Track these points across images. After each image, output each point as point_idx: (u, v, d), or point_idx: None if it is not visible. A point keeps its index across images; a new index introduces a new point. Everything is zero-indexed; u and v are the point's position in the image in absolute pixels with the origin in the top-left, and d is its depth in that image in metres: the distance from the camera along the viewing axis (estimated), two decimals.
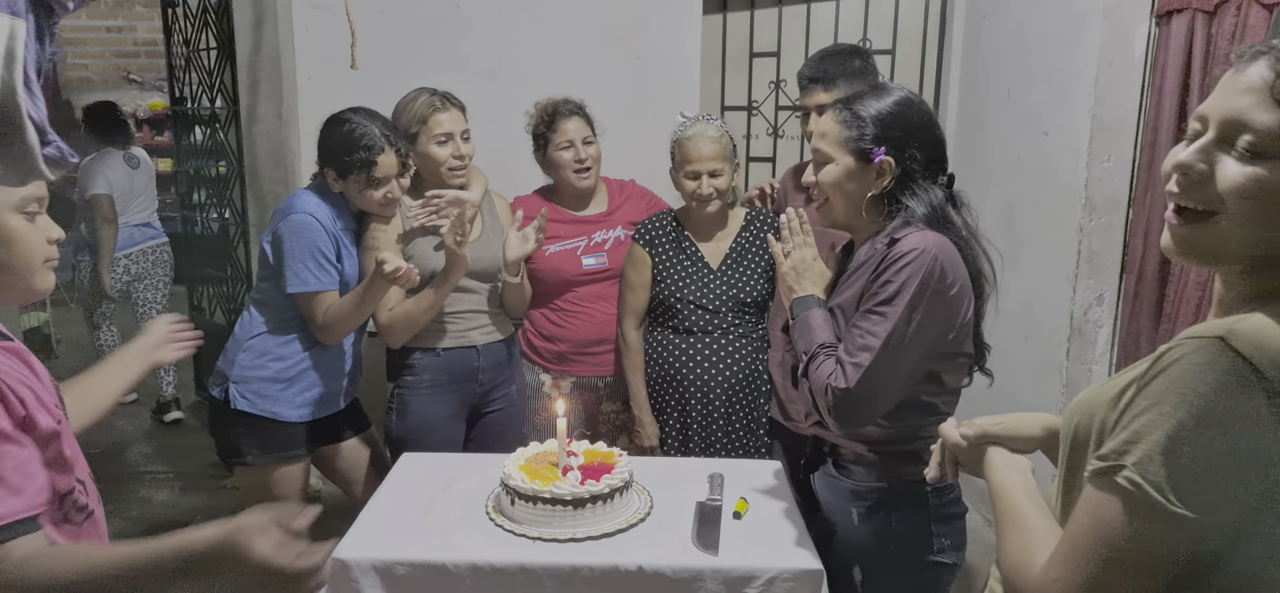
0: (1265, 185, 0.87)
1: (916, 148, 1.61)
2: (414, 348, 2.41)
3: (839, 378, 1.54)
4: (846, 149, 1.63)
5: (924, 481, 1.56)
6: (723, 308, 2.47)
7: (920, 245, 1.52)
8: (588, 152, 2.57)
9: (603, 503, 1.80)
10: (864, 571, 1.71)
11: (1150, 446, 0.84)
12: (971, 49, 3.48)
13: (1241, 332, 0.83)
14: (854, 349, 1.54)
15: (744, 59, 3.74)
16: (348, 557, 1.68)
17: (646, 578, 1.68)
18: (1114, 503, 0.87)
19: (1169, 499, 0.83)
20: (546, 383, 2.67)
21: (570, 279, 2.61)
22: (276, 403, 2.25)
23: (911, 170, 1.61)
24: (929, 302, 1.52)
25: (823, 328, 1.64)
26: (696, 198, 2.44)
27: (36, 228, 1.20)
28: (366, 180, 2.22)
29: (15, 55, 1.00)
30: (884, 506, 1.66)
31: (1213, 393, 0.82)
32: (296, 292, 2.21)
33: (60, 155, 1.09)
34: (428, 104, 2.34)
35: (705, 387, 2.48)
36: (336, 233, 2.26)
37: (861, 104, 1.64)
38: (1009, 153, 3.19)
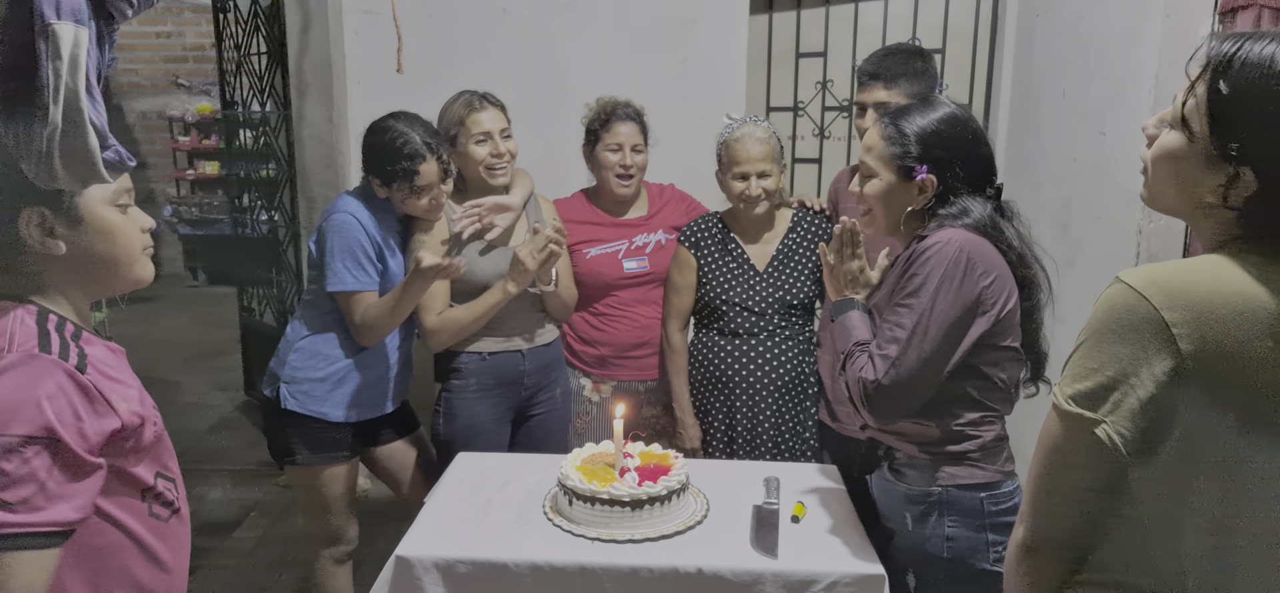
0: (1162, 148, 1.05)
1: (959, 165, 1.64)
2: (460, 352, 2.42)
3: (869, 370, 1.59)
4: (890, 166, 1.68)
5: (977, 485, 1.62)
6: (769, 310, 2.46)
7: (945, 238, 1.57)
8: (635, 159, 2.57)
9: (660, 505, 1.79)
10: (918, 576, 1.68)
11: (1071, 369, 1.03)
12: (1025, 48, 3.42)
13: (1139, 270, 1.00)
14: (883, 342, 1.59)
15: (790, 59, 3.72)
16: (410, 555, 1.70)
17: (706, 581, 1.67)
18: (1051, 422, 1.05)
19: (1069, 400, 1.01)
20: (587, 387, 2.68)
21: (611, 283, 2.61)
22: (325, 404, 2.28)
23: (954, 187, 1.64)
24: (955, 289, 1.54)
25: (860, 327, 1.69)
26: (744, 199, 2.42)
27: (130, 219, 1.23)
28: (410, 188, 2.24)
29: (79, 62, 1.03)
30: (937, 510, 1.64)
31: (1106, 314, 1.00)
32: (335, 291, 2.23)
33: (119, 159, 1.12)
34: (465, 105, 2.36)
35: (752, 389, 2.47)
36: (379, 236, 2.27)
37: (907, 120, 1.67)
38: (1064, 154, 3.13)
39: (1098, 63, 2.91)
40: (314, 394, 2.27)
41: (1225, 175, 0.98)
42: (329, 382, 2.28)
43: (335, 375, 2.29)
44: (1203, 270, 0.98)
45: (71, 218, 1.14)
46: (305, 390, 2.27)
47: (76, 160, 1.06)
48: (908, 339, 1.55)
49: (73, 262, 1.17)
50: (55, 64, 1.01)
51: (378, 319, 2.24)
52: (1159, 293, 0.96)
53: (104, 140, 1.09)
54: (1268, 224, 0.99)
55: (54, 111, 1.02)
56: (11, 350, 1.08)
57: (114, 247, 1.20)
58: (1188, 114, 1.01)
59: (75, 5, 1.02)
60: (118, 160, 1.12)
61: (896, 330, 1.57)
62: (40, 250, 1.13)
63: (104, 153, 1.09)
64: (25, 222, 1.11)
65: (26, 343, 1.09)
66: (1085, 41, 2.98)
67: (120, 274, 1.23)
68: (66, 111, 1.03)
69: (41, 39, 1.00)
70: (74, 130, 1.04)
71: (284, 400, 2.26)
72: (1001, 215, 1.66)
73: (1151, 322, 0.95)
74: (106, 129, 1.09)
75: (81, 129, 1.05)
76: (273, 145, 3.87)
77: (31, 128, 1.03)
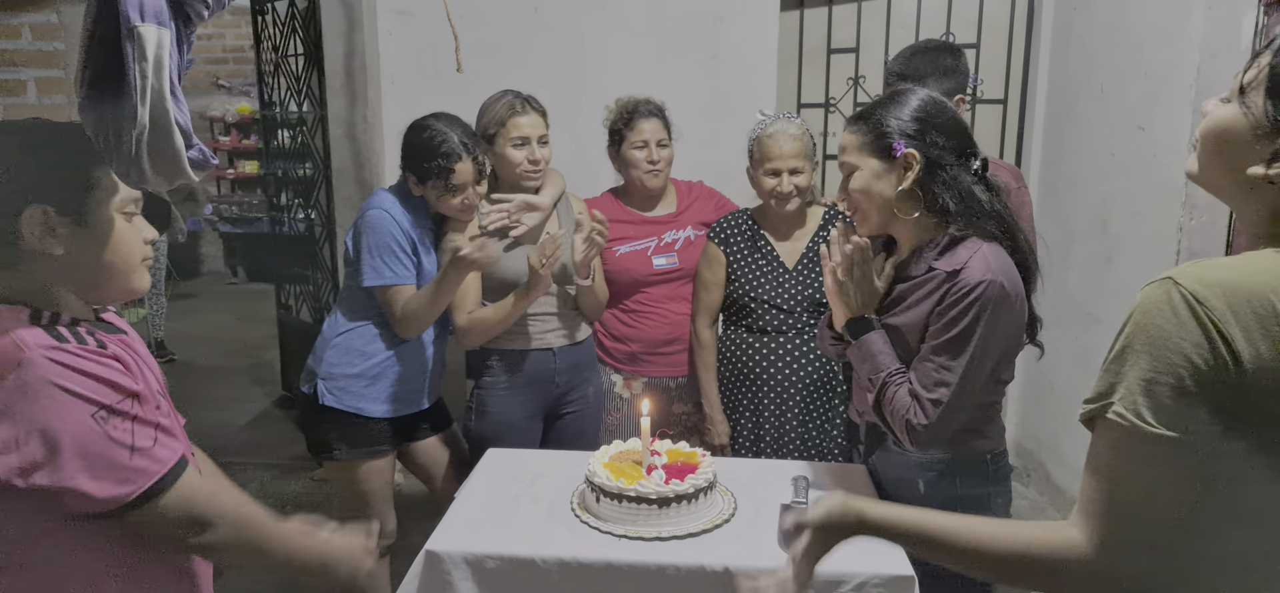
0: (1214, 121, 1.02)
1: (937, 135, 1.65)
2: (492, 349, 2.44)
3: (917, 414, 1.62)
4: (868, 152, 1.69)
5: (984, 451, 1.74)
6: (798, 308, 2.44)
7: (986, 275, 1.57)
8: (661, 153, 2.58)
9: (687, 503, 1.79)
10: None
11: (1129, 382, 0.95)
12: (1062, 42, 3.37)
13: (1187, 269, 0.94)
14: (930, 385, 1.61)
15: (821, 55, 3.70)
16: (440, 549, 1.71)
17: (733, 579, 1.67)
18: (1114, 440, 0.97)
19: (1149, 423, 0.93)
20: (618, 383, 2.68)
21: (641, 279, 2.61)
22: (362, 399, 2.31)
23: (937, 158, 1.64)
24: (1001, 332, 1.59)
25: (885, 353, 1.71)
26: (776, 196, 2.41)
27: (134, 228, 1.23)
28: (444, 187, 2.27)
29: (163, 63, 1.05)
30: (949, 473, 1.75)
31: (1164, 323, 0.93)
32: (373, 285, 2.26)
33: (203, 158, 1.14)
34: (507, 107, 2.38)
35: (780, 387, 2.46)
36: (414, 232, 2.31)
37: (873, 111, 1.71)
38: (1102, 150, 3.08)
39: (1136, 57, 2.86)
40: (351, 390, 2.30)
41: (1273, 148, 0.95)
42: (366, 378, 2.31)
43: (372, 371, 2.32)
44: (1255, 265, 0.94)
45: (77, 220, 1.14)
46: (343, 386, 2.30)
47: (164, 160, 1.08)
48: (957, 384, 1.58)
49: (69, 265, 1.16)
50: (142, 66, 1.03)
51: (418, 310, 2.27)
52: (1214, 293, 0.91)
53: (188, 140, 1.10)
54: None
55: (142, 113, 1.04)
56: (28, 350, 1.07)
57: (114, 254, 1.20)
58: (1248, 84, 0.98)
59: (157, 7, 1.03)
60: (201, 159, 1.14)
61: (944, 375, 1.59)
62: (38, 249, 1.13)
63: (189, 152, 1.10)
64: (27, 220, 1.11)
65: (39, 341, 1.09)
66: (1124, 36, 2.93)
67: (117, 282, 1.22)
68: (154, 112, 1.05)
69: (128, 42, 1.02)
70: (161, 131, 1.06)
71: (322, 396, 2.29)
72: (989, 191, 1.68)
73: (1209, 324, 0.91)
74: (190, 128, 1.11)
75: (168, 129, 1.07)
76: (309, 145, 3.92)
77: (122, 129, 1.05)
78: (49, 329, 1.12)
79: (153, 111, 1.04)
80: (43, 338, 1.09)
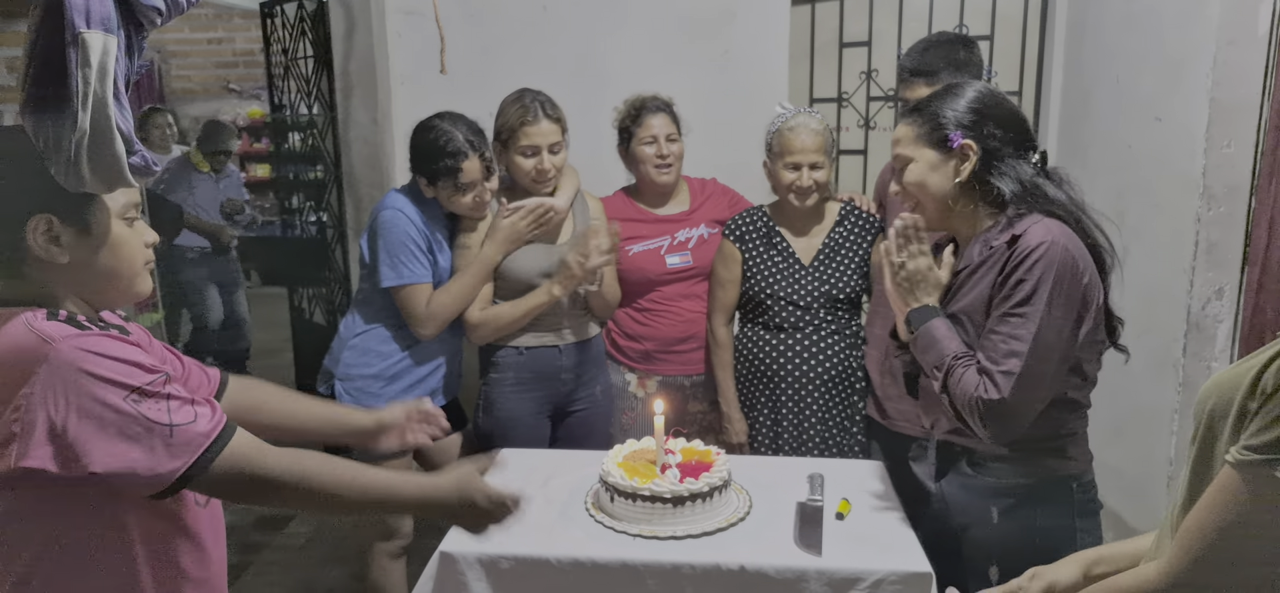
0: None
1: (994, 126, 1.61)
2: (499, 346, 2.44)
3: (989, 389, 1.50)
4: (923, 144, 1.65)
5: (1069, 476, 1.59)
6: (815, 304, 2.43)
7: (1047, 238, 1.49)
8: (670, 148, 2.56)
9: (702, 501, 1.78)
10: (1003, 569, 1.62)
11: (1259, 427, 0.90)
12: (1076, 33, 3.34)
13: None
14: (999, 357, 1.50)
15: (833, 49, 3.67)
16: (454, 550, 1.71)
17: (749, 578, 1.66)
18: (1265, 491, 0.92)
19: None
20: (632, 382, 2.67)
21: (654, 278, 2.60)
22: (379, 399, 2.30)
23: (994, 149, 1.60)
24: (1067, 294, 1.49)
25: (949, 338, 1.60)
26: (795, 190, 2.40)
27: (135, 233, 1.24)
28: (454, 187, 2.27)
29: (108, 70, 1.05)
30: (1029, 502, 1.61)
31: None
32: (391, 286, 2.26)
33: (144, 164, 1.15)
34: (519, 114, 2.35)
35: (798, 384, 2.44)
36: (427, 231, 2.31)
37: (930, 103, 1.66)
38: (1118, 141, 3.05)
39: (1152, 47, 2.83)
40: (368, 390, 2.30)
41: None
42: (382, 378, 2.32)
43: (388, 371, 2.32)
44: None
45: (79, 228, 1.15)
46: (359, 387, 2.30)
47: (103, 165, 1.09)
48: (1028, 352, 1.47)
49: (74, 272, 1.17)
50: (84, 72, 1.03)
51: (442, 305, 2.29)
52: None
53: (130, 146, 1.11)
54: None
55: (83, 118, 1.04)
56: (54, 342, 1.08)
57: (118, 260, 1.21)
58: None
59: (105, 15, 1.04)
60: (143, 165, 1.14)
61: (1013, 342, 1.49)
62: (43, 258, 1.14)
63: (130, 158, 1.11)
64: (32, 228, 1.12)
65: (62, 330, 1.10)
66: (1139, 25, 2.89)
67: (121, 287, 1.23)
68: (95, 119, 1.05)
69: (72, 47, 1.03)
70: (102, 137, 1.07)
71: (339, 397, 2.30)
72: (1048, 179, 1.62)
73: None
74: (133, 135, 1.12)
75: (109, 136, 1.07)
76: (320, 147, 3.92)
77: (61, 133, 1.05)
78: (70, 321, 1.13)
79: (94, 118, 1.05)
80: (65, 329, 1.11)
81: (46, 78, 1.04)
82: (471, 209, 2.33)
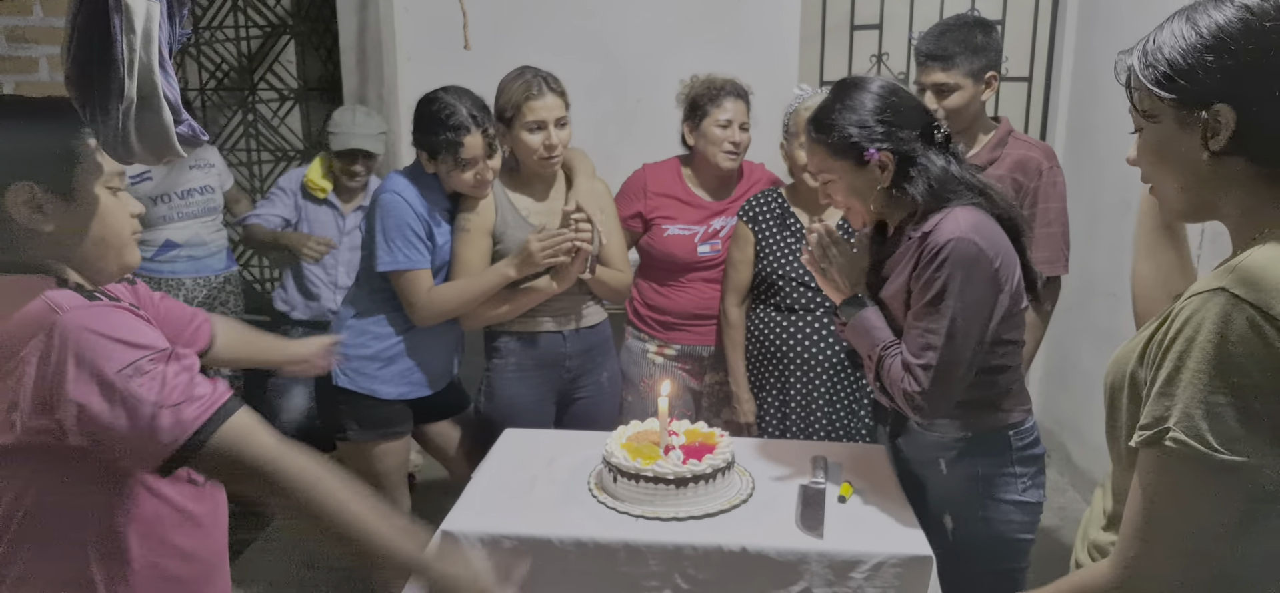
0: (1143, 148, 1.06)
1: (903, 129, 1.67)
2: (502, 331, 2.43)
3: (911, 382, 1.63)
4: (837, 158, 1.71)
5: (1005, 427, 1.73)
6: None
7: (953, 234, 1.58)
8: (742, 137, 2.55)
9: (705, 483, 1.79)
10: (955, 517, 1.82)
11: (1186, 404, 0.92)
12: (1088, 18, 3.31)
13: (1240, 278, 0.90)
14: (918, 351, 1.63)
15: (844, 31, 3.65)
16: (456, 529, 1.71)
17: (750, 559, 1.66)
18: (1167, 466, 0.95)
19: (1216, 449, 0.91)
20: (651, 349, 2.68)
21: (683, 263, 2.60)
22: (376, 381, 2.30)
23: (907, 152, 1.66)
24: (977, 285, 1.59)
25: (879, 327, 1.74)
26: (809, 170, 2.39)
27: (120, 202, 1.23)
28: (454, 161, 2.24)
29: (152, 37, 1.04)
30: (969, 452, 1.75)
31: (1227, 341, 0.90)
32: (388, 270, 2.24)
33: (192, 133, 1.13)
34: (523, 89, 2.29)
35: (806, 365, 2.44)
36: (428, 214, 2.28)
37: (830, 114, 1.70)
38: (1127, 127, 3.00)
39: None
40: (365, 371, 2.30)
41: None
42: (380, 360, 2.31)
43: (387, 353, 2.32)
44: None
45: (64, 196, 1.14)
46: (356, 368, 2.30)
47: (151, 135, 1.07)
48: (943, 345, 1.59)
49: (61, 241, 1.16)
50: (129, 39, 1.02)
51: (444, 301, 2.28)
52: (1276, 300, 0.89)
53: (177, 115, 1.09)
54: None
55: (129, 87, 1.03)
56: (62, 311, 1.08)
57: (105, 228, 1.19)
58: None
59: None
60: (191, 135, 1.13)
61: (929, 337, 1.61)
62: (27, 226, 1.13)
63: (178, 127, 1.10)
64: (13, 197, 1.11)
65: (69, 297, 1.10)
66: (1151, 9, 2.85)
67: (109, 258, 1.22)
68: (141, 87, 1.04)
69: (116, 15, 1.01)
70: (149, 106, 1.05)
71: (336, 378, 2.29)
72: (955, 160, 1.70)
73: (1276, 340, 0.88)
74: (180, 103, 1.10)
75: (156, 104, 1.06)
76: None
77: (108, 104, 1.04)
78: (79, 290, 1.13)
79: (140, 86, 1.03)
80: (75, 298, 1.10)
81: (91, 47, 1.02)
82: (472, 187, 2.30)
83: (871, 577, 1.65)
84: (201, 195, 3.28)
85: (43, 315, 1.08)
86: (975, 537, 1.78)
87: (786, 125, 2.47)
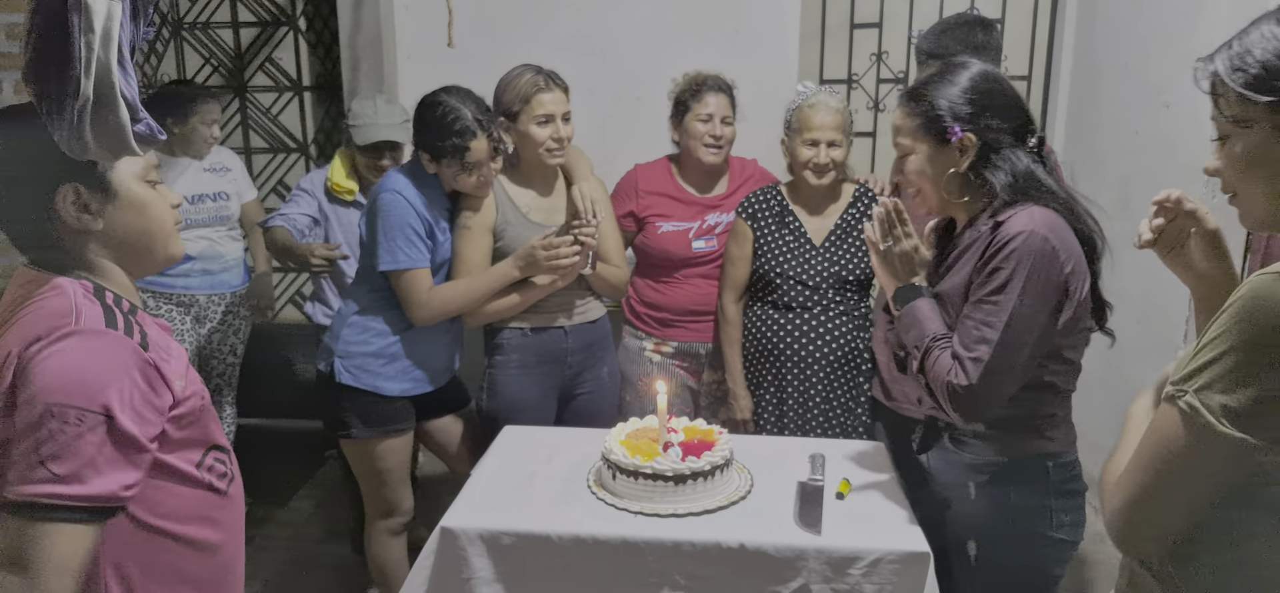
0: (1230, 157, 1.04)
1: (992, 117, 1.60)
2: (503, 328, 2.44)
3: (959, 375, 1.52)
4: (922, 137, 1.64)
5: (1044, 455, 1.61)
6: (824, 284, 2.43)
7: (1027, 227, 1.49)
8: (724, 130, 2.56)
9: (703, 480, 1.80)
10: (979, 545, 1.67)
11: (1212, 374, 0.93)
12: (1087, 18, 3.32)
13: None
14: (970, 343, 1.52)
15: (844, 30, 3.65)
16: (455, 526, 1.72)
17: (748, 556, 1.67)
18: (1174, 423, 0.96)
19: (1221, 421, 0.92)
20: (648, 347, 2.68)
21: (679, 260, 2.62)
22: (378, 378, 2.31)
23: (992, 141, 1.60)
24: (1042, 284, 1.49)
25: (931, 319, 1.62)
26: (813, 166, 2.41)
27: (160, 194, 1.24)
28: (460, 165, 2.25)
29: (112, 35, 1.04)
30: (1002, 479, 1.63)
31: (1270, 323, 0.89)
32: (387, 270, 2.25)
33: (149, 132, 1.13)
34: (531, 84, 2.32)
35: (804, 363, 2.45)
36: (428, 213, 2.28)
37: (929, 88, 1.64)
38: (1126, 127, 3.03)
39: (1162, 32, 2.81)
40: (368, 368, 2.30)
41: None
42: (382, 357, 2.32)
43: (389, 350, 2.32)
44: None
45: (106, 193, 1.15)
46: (359, 364, 2.30)
47: (107, 133, 1.07)
48: (998, 341, 1.49)
49: (110, 238, 1.18)
50: (87, 37, 1.02)
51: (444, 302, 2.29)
52: None
53: (135, 113, 1.10)
54: None
55: (86, 84, 1.03)
56: (79, 322, 1.09)
57: (149, 221, 1.21)
58: None
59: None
60: (148, 133, 1.13)
61: (984, 330, 1.50)
62: (77, 227, 1.14)
63: (135, 126, 1.10)
64: (62, 198, 1.12)
65: (93, 317, 1.11)
66: (1149, 11, 2.88)
67: (156, 250, 1.23)
68: (98, 85, 1.04)
69: (74, 12, 1.01)
70: (105, 103, 1.05)
71: (338, 375, 2.30)
72: (1043, 167, 1.62)
73: None
74: (138, 102, 1.10)
75: (113, 102, 1.06)
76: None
77: (64, 100, 1.04)
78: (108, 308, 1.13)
79: (97, 85, 1.03)
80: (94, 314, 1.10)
81: (48, 43, 1.02)
82: (475, 188, 2.31)
83: (869, 573, 1.66)
84: (214, 202, 3.15)
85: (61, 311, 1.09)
86: (1000, 566, 1.66)
87: (788, 122, 2.48)
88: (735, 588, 1.69)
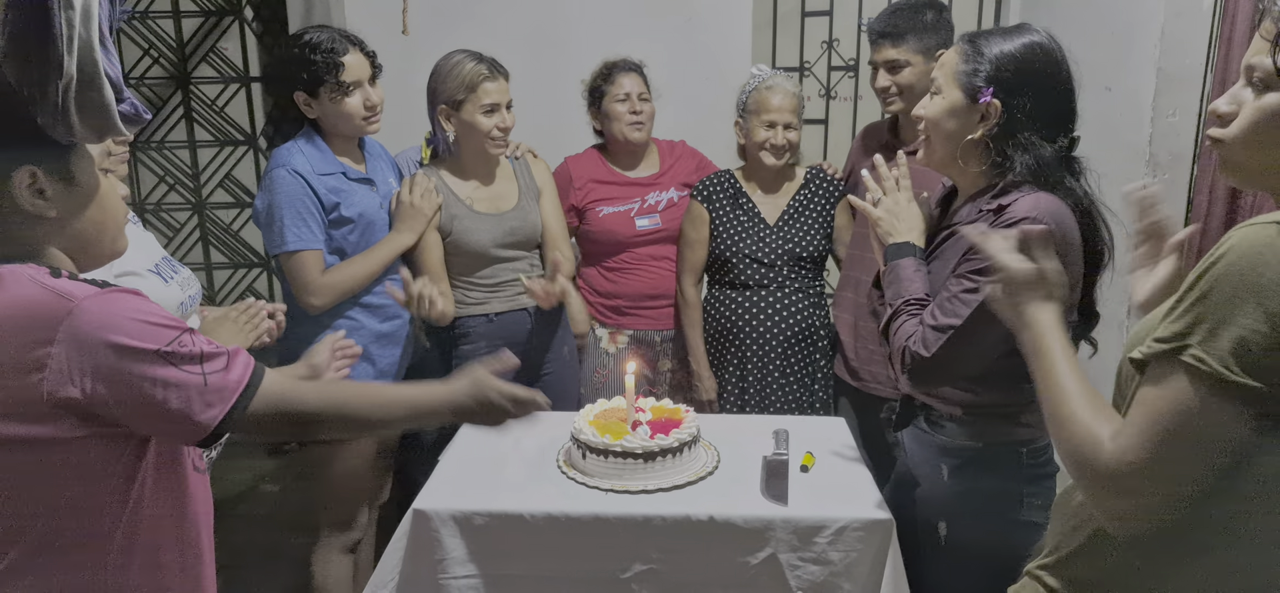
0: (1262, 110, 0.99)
1: (1030, 97, 1.50)
2: (464, 315, 2.42)
3: (918, 344, 1.50)
4: (957, 84, 1.55)
5: (1018, 443, 1.58)
6: (778, 262, 2.49)
7: (1030, 211, 1.43)
8: (643, 106, 2.60)
9: (672, 457, 1.83)
10: (950, 526, 1.65)
11: (1213, 325, 0.90)
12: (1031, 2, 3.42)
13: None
14: (940, 315, 1.49)
15: (796, 18, 3.71)
16: (427, 508, 1.73)
17: (718, 528, 1.71)
18: (1182, 382, 0.93)
19: (1233, 370, 0.89)
20: (604, 338, 2.71)
21: (624, 240, 2.64)
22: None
23: (1018, 120, 1.50)
24: None
25: (913, 280, 1.58)
26: (771, 147, 2.46)
27: (112, 185, 1.21)
28: (336, 86, 2.11)
29: (92, 13, 1.03)
30: (976, 465, 1.61)
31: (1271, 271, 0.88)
32: (276, 253, 2.13)
33: (135, 112, 1.12)
34: (476, 72, 2.26)
35: (762, 341, 2.50)
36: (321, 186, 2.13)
37: (986, 40, 1.55)
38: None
39: (1103, 17, 2.91)
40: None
41: None
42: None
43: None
44: None
45: (65, 180, 1.11)
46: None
47: (93, 112, 1.05)
48: (966, 322, 1.45)
49: (62, 226, 1.13)
50: (68, 15, 1.00)
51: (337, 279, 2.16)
52: None
53: (119, 92, 1.08)
54: None
55: (68, 64, 1.01)
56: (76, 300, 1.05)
57: (103, 212, 1.17)
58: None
59: None
60: (133, 113, 1.11)
61: (958, 308, 1.46)
62: (30, 212, 1.09)
63: (120, 105, 1.08)
64: (18, 181, 1.07)
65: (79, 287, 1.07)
66: None
67: (104, 243, 1.20)
68: (82, 64, 1.02)
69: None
70: (89, 83, 1.04)
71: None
72: (1072, 172, 1.54)
73: None
74: (122, 81, 1.09)
75: (97, 81, 1.04)
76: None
77: (47, 81, 1.02)
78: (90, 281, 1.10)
79: (80, 63, 1.02)
80: (85, 288, 1.07)
81: (29, 23, 1.00)
82: (362, 118, 2.16)
83: (834, 541, 1.71)
84: None
85: (53, 306, 1.04)
86: (969, 546, 1.62)
87: (743, 103, 2.53)
88: (705, 560, 1.72)
